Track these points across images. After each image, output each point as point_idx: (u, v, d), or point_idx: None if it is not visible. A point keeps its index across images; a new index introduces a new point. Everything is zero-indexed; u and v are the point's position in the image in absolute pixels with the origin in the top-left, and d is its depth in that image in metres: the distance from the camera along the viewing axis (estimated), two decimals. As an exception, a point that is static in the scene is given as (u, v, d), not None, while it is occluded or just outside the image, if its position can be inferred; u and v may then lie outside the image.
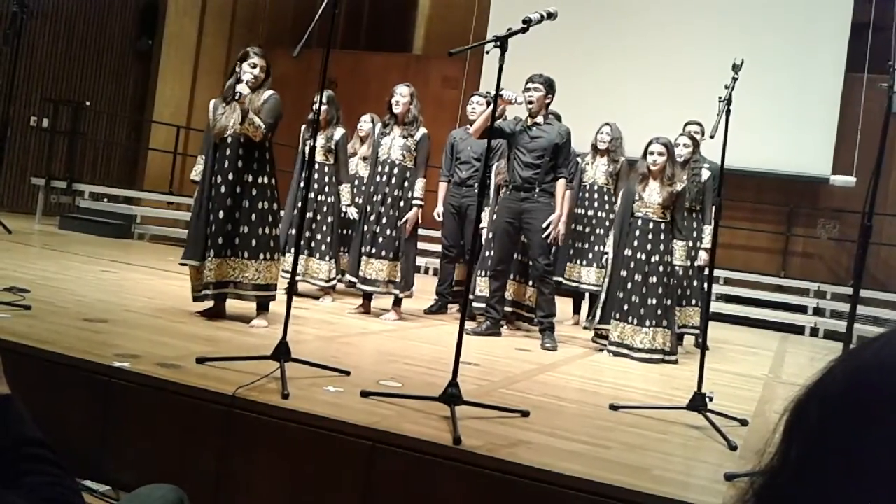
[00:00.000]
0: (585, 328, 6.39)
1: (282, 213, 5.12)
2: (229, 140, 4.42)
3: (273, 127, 4.47)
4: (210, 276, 4.40)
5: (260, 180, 4.47)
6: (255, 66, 4.42)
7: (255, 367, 3.15)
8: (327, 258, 6.00)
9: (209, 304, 4.56)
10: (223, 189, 4.40)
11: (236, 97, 4.33)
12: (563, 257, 6.48)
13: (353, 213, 5.98)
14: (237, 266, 4.44)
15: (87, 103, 11.26)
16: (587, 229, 6.51)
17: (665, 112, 8.62)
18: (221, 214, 4.39)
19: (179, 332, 4.03)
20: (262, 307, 4.58)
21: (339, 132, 6.08)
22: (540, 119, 5.34)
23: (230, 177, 4.40)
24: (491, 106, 4.58)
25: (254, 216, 4.44)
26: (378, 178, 5.63)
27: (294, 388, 2.99)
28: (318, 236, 6.04)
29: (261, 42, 13.39)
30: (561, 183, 5.37)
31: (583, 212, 6.51)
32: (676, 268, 5.32)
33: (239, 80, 4.37)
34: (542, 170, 5.30)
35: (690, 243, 5.69)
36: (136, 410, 2.99)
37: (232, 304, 4.65)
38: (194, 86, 12.69)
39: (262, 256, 4.45)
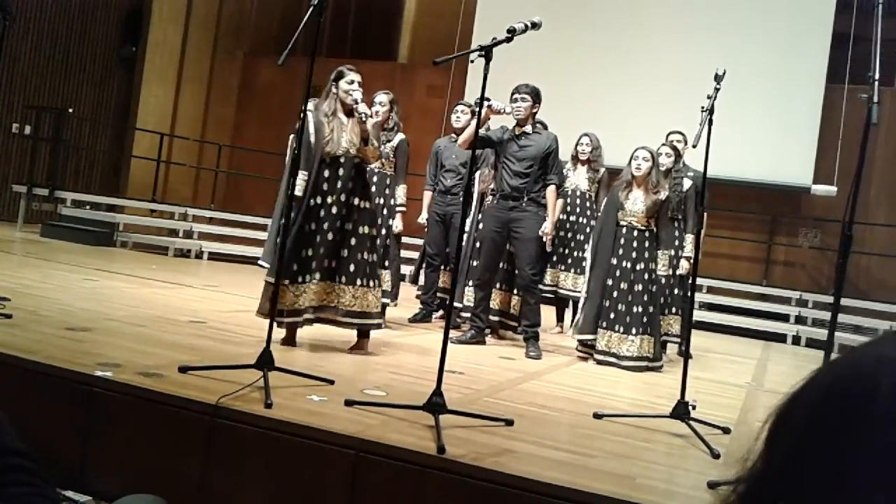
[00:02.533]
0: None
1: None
2: (342, 160, 4.31)
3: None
4: (309, 299, 4.22)
5: (364, 204, 4.38)
6: (354, 84, 4.37)
7: (239, 376, 3.14)
8: None
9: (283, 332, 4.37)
10: (333, 210, 4.27)
11: (361, 119, 4.25)
12: (546, 264, 6.49)
13: None
14: (337, 290, 4.29)
15: (70, 110, 11.21)
16: (569, 235, 6.54)
17: (648, 121, 8.68)
18: (331, 236, 4.26)
19: (162, 340, 4.00)
20: (363, 334, 4.44)
21: None
22: (528, 128, 5.36)
23: (341, 198, 4.29)
24: (476, 118, 4.60)
25: (354, 240, 4.31)
26: None
27: (278, 397, 2.98)
28: None
29: (246, 50, 13.41)
30: (552, 190, 5.39)
31: (564, 217, 6.53)
32: (659, 276, 5.35)
33: (355, 102, 4.30)
34: (531, 179, 5.31)
35: (672, 252, 5.73)
36: (118, 420, 2.96)
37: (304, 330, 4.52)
38: (178, 93, 12.65)
39: (359, 282, 4.30)
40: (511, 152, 5.32)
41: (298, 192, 4.23)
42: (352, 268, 4.31)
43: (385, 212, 5.58)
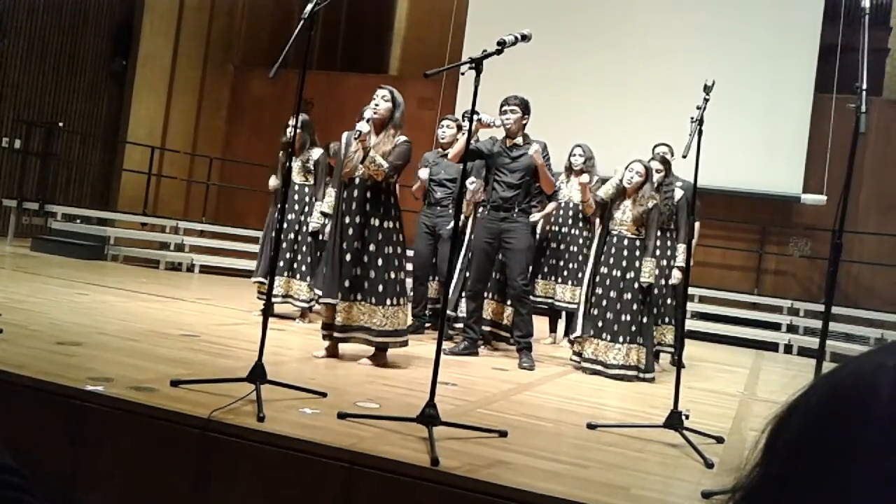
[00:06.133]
0: (569, 340, 6.44)
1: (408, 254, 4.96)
2: (357, 181, 4.39)
3: (398, 169, 4.44)
4: (339, 318, 4.35)
5: (386, 224, 4.41)
6: (377, 99, 4.43)
7: (231, 390, 3.12)
8: (308, 278, 5.98)
9: (325, 343, 4.56)
10: (351, 231, 4.35)
11: (355, 136, 4.30)
12: (537, 275, 6.49)
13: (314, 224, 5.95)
14: (366, 311, 4.36)
15: (61, 124, 11.18)
16: (561, 247, 6.53)
17: (637, 132, 8.72)
18: (349, 257, 4.34)
19: (154, 354, 3.98)
20: (381, 349, 4.53)
21: (316, 152, 6.09)
22: (519, 140, 5.37)
23: (358, 219, 4.35)
24: (467, 131, 4.60)
25: (381, 261, 4.37)
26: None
27: (270, 410, 2.96)
28: (299, 257, 6.03)
29: (236, 63, 13.42)
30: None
31: (557, 229, 6.54)
32: (642, 282, 5.35)
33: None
34: (523, 190, 5.33)
35: (664, 262, 5.74)
36: (109, 435, 2.95)
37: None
38: (169, 106, 12.65)
39: (389, 302, 4.37)
40: (503, 164, 5.34)
41: (327, 209, 4.35)
42: (381, 288, 4.37)
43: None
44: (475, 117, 4.27)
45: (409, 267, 6.58)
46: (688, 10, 10.54)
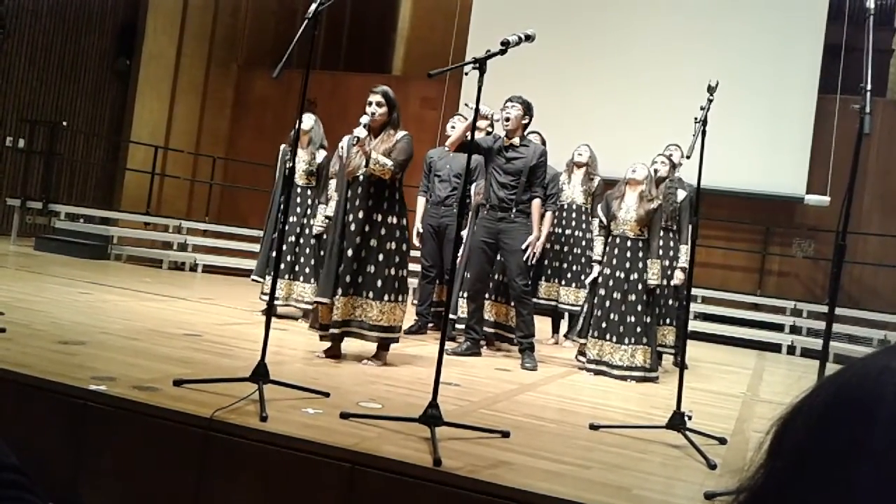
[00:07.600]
0: (567, 336, 6.48)
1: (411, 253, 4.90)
2: (360, 179, 4.42)
3: (402, 165, 4.45)
4: (337, 314, 4.36)
5: (389, 220, 4.44)
6: (371, 106, 4.45)
7: (234, 389, 3.13)
8: (311, 280, 5.97)
9: (327, 344, 4.55)
10: (353, 227, 4.37)
11: (354, 142, 4.34)
12: (540, 276, 6.50)
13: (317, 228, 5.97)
14: (360, 305, 4.38)
15: (64, 123, 11.19)
16: (565, 248, 6.54)
17: (641, 133, 8.73)
18: (351, 253, 4.36)
19: (156, 354, 3.99)
20: (383, 347, 4.54)
21: (321, 154, 6.09)
22: (516, 140, 5.35)
23: (360, 215, 4.38)
24: (468, 121, 4.57)
25: (381, 256, 4.39)
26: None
27: (273, 410, 2.96)
28: (302, 259, 6.02)
29: (240, 62, 13.43)
30: (537, 203, 5.38)
31: (560, 231, 6.54)
32: (648, 284, 5.35)
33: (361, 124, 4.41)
34: (519, 190, 5.31)
35: (666, 262, 5.73)
36: (112, 434, 2.95)
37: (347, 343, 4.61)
38: (172, 106, 12.66)
39: (387, 298, 4.39)
40: (499, 164, 5.32)
41: (330, 212, 4.37)
42: (379, 283, 4.38)
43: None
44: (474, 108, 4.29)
45: (416, 266, 6.60)
46: (691, 11, 10.54)
